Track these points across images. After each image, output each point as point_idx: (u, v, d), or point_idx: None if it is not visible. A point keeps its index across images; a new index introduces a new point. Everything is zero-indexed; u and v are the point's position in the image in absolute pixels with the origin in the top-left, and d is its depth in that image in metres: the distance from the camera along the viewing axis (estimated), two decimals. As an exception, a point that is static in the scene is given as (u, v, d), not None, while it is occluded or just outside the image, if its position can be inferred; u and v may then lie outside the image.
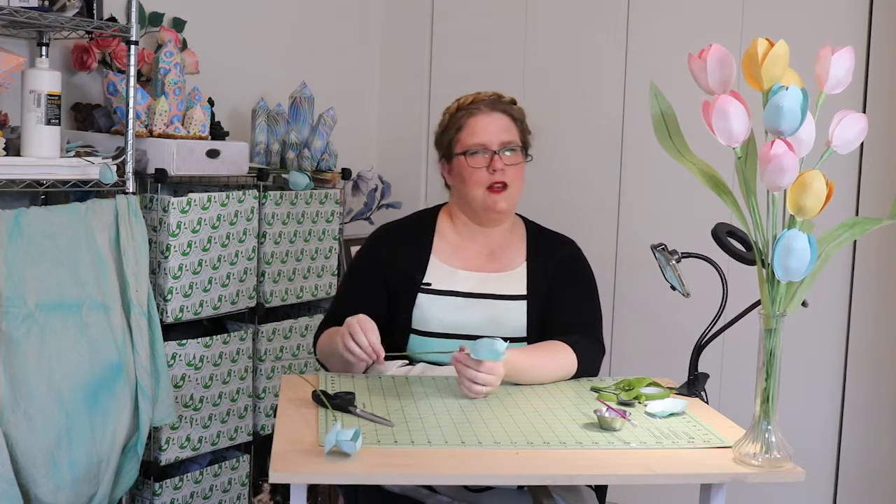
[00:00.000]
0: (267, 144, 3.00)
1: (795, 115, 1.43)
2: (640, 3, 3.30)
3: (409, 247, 2.13)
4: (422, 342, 2.05)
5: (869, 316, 3.00)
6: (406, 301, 2.06)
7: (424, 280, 2.08)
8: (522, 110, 2.16)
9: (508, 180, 2.06)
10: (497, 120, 2.09)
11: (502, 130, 2.08)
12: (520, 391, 1.89)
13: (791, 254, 1.43)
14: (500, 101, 2.13)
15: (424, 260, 2.11)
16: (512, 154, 2.08)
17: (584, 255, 2.19)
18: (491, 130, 2.07)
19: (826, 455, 3.06)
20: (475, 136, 2.07)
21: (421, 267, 2.10)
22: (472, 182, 2.07)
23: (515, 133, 2.10)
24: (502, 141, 2.07)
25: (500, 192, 2.07)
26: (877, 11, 2.94)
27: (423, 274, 2.09)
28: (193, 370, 2.56)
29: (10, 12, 2.11)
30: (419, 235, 2.15)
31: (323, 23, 3.51)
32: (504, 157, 2.06)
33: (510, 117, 2.11)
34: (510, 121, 2.10)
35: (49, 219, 2.21)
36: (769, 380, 1.52)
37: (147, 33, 2.74)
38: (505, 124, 2.09)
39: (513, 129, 2.10)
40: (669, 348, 2.84)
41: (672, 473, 1.51)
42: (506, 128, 2.09)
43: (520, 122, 2.13)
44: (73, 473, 2.17)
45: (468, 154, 2.07)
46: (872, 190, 2.95)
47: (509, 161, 2.07)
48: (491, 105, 2.10)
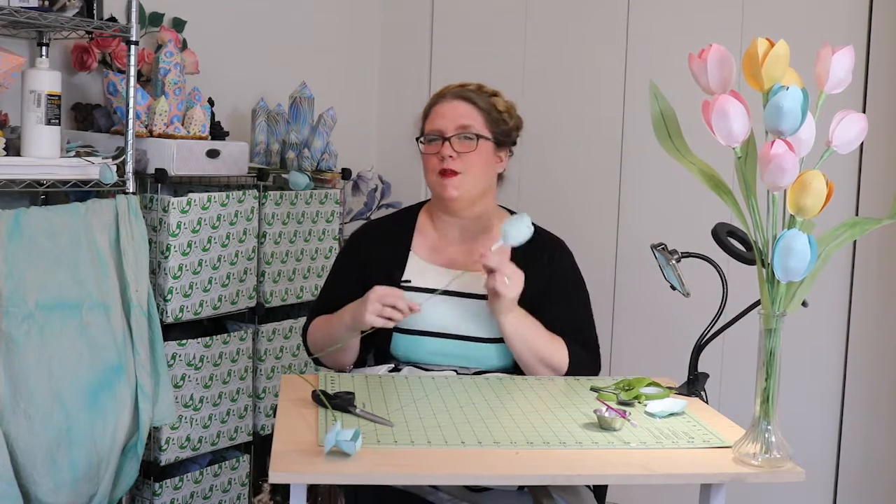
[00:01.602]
0: (267, 144, 3.00)
1: (795, 115, 1.43)
2: (640, 3, 3.30)
3: (387, 245, 2.12)
4: (403, 340, 2.03)
5: (869, 316, 3.00)
6: None
7: (403, 278, 2.07)
8: (496, 101, 2.10)
9: (460, 167, 2.02)
10: (456, 107, 2.06)
11: (459, 116, 2.05)
12: (520, 391, 1.89)
13: (791, 254, 1.43)
14: (467, 90, 2.09)
15: (403, 258, 2.10)
16: (467, 141, 2.03)
17: (574, 258, 2.17)
18: (448, 116, 2.05)
19: (826, 455, 3.06)
20: (433, 122, 2.07)
21: (400, 264, 2.09)
22: (427, 168, 2.07)
23: (477, 119, 2.05)
24: (457, 126, 2.04)
25: (448, 177, 2.02)
26: (877, 11, 2.94)
27: (402, 271, 2.08)
28: (193, 370, 2.56)
29: (10, 12, 2.11)
30: (398, 233, 2.14)
31: (323, 23, 3.51)
32: (455, 144, 2.02)
33: (472, 104, 2.06)
34: (471, 107, 2.06)
35: (49, 219, 2.21)
36: (769, 380, 1.52)
37: (147, 33, 2.75)
38: (464, 111, 2.05)
39: (474, 115, 2.05)
40: (669, 348, 2.84)
41: (672, 473, 1.51)
42: (464, 114, 2.05)
43: (486, 110, 2.07)
44: (73, 473, 2.17)
45: (425, 140, 2.08)
46: (872, 190, 2.95)
47: (461, 148, 2.02)
48: (456, 94, 2.08)
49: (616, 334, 3.33)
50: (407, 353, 2.05)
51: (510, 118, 2.12)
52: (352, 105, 3.53)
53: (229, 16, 3.12)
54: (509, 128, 2.12)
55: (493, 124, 2.08)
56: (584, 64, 3.40)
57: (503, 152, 2.12)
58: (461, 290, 2.05)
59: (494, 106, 2.10)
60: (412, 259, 2.10)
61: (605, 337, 3.32)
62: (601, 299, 3.33)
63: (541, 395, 1.87)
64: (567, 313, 2.09)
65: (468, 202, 2.07)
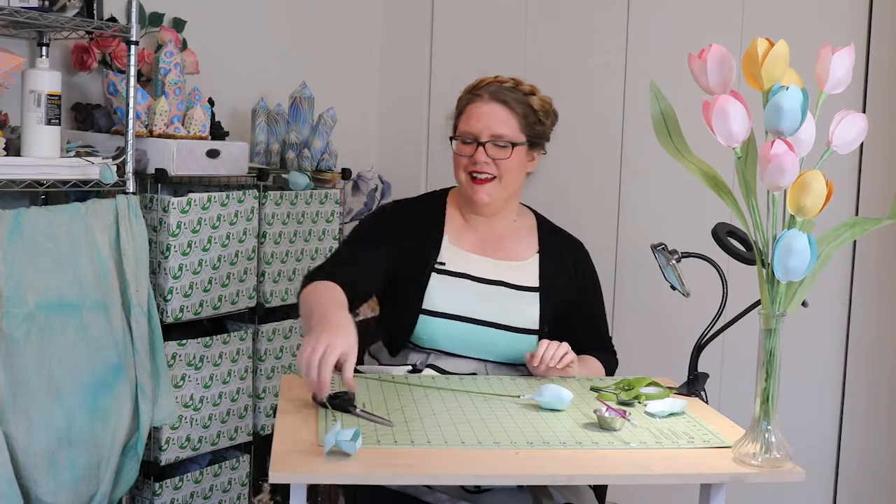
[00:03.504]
0: (267, 144, 3.00)
1: (795, 115, 1.43)
2: (640, 3, 3.30)
3: (421, 225, 2.10)
4: (430, 324, 2.01)
5: (869, 316, 3.00)
6: (418, 280, 2.02)
7: (439, 259, 2.05)
8: (532, 101, 2.06)
9: (494, 172, 2.02)
10: (492, 111, 2.02)
11: (496, 123, 2.02)
12: (520, 391, 1.89)
13: (791, 254, 1.43)
14: (503, 90, 2.05)
15: (438, 239, 2.08)
16: (501, 149, 2.02)
17: (591, 259, 2.22)
18: (484, 121, 2.02)
19: (826, 455, 3.06)
20: (469, 123, 2.04)
21: (435, 246, 2.07)
22: (457, 167, 2.06)
23: (513, 126, 2.03)
24: (493, 133, 2.02)
25: (481, 183, 2.03)
26: (877, 11, 2.94)
27: (438, 253, 2.06)
28: (193, 370, 2.56)
29: (10, 12, 2.11)
30: (431, 215, 2.12)
31: (323, 23, 3.51)
32: (489, 150, 2.01)
33: (508, 108, 2.03)
34: (508, 113, 2.03)
35: (49, 219, 2.21)
36: (769, 380, 1.52)
37: (147, 33, 2.75)
38: (501, 116, 2.02)
39: (510, 121, 2.03)
40: (669, 348, 2.84)
41: (672, 473, 1.51)
42: (501, 120, 2.02)
43: (522, 115, 2.04)
44: (73, 473, 2.17)
45: (459, 139, 2.06)
46: (872, 190, 2.95)
47: (496, 154, 2.02)
48: (492, 94, 2.04)
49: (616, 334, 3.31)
50: (433, 337, 2.01)
51: (546, 117, 2.08)
52: (352, 105, 3.53)
53: (229, 16, 3.12)
54: (545, 128, 2.09)
55: (529, 128, 2.06)
56: (584, 63, 3.40)
57: (536, 151, 2.11)
58: (489, 277, 2.06)
59: (531, 106, 2.06)
60: (445, 242, 2.09)
61: (605, 337, 3.32)
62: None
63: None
64: (595, 324, 2.19)
65: (498, 206, 2.08)
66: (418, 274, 2.03)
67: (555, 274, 2.10)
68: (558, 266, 2.12)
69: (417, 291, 2.02)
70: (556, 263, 2.12)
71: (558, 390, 1.77)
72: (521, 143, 2.05)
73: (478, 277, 2.05)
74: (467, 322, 2.01)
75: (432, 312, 2.01)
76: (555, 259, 2.12)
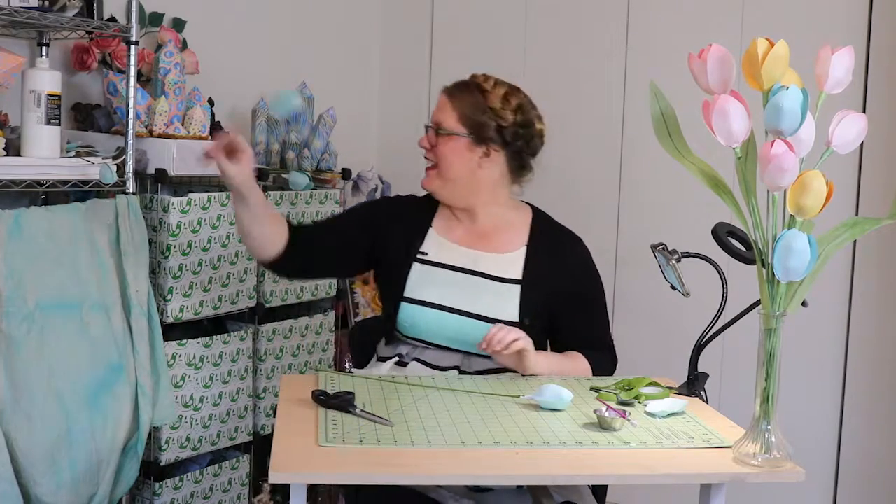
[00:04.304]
0: (267, 144, 3.00)
1: (795, 115, 1.43)
2: (640, 3, 3.30)
3: (410, 217, 2.19)
4: (412, 312, 2.07)
5: (869, 316, 3.00)
6: (401, 268, 2.11)
7: (422, 249, 2.13)
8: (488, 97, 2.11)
9: (433, 159, 2.13)
10: (441, 102, 2.14)
11: (438, 112, 2.14)
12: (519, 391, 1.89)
13: (791, 254, 1.43)
14: (460, 84, 2.15)
15: (424, 231, 2.16)
16: (438, 136, 2.11)
17: (590, 254, 2.21)
18: (435, 111, 2.15)
19: (826, 455, 3.06)
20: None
21: (420, 237, 2.15)
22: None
23: (451, 116, 2.10)
24: (434, 121, 2.13)
25: (427, 170, 2.15)
26: (877, 11, 2.94)
27: (422, 243, 2.14)
28: (193, 370, 2.56)
29: (10, 12, 2.11)
30: (422, 208, 2.21)
31: (323, 23, 3.51)
32: (431, 137, 2.13)
33: (451, 101, 2.12)
34: (450, 104, 2.12)
35: (49, 219, 2.21)
36: (769, 380, 1.52)
37: (147, 33, 2.74)
38: (443, 106, 2.13)
39: (449, 112, 2.11)
40: (669, 348, 2.84)
41: (672, 473, 1.51)
42: (442, 109, 2.13)
43: (464, 107, 2.10)
44: (73, 473, 2.17)
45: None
46: (872, 190, 2.95)
47: (432, 141, 2.12)
48: (448, 88, 2.16)
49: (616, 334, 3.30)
50: (415, 325, 2.07)
51: (496, 117, 2.10)
52: (352, 105, 3.53)
53: (229, 16, 3.12)
54: (492, 124, 2.10)
55: (469, 120, 2.10)
56: (585, 64, 3.40)
57: (489, 146, 2.10)
58: (471, 268, 2.09)
59: (478, 103, 2.10)
60: (431, 234, 2.16)
61: (605, 337, 3.32)
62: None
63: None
64: (590, 321, 2.16)
65: (448, 193, 2.14)
66: (401, 262, 2.11)
67: (543, 266, 2.11)
68: (548, 259, 2.12)
69: (400, 279, 2.10)
70: (546, 256, 2.13)
71: (558, 390, 1.77)
72: (458, 134, 2.09)
73: (459, 268, 2.10)
74: (447, 311, 2.05)
75: (413, 300, 2.07)
76: (545, 252, 2.13)
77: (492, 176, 2.13)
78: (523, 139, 2.13)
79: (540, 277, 2.10)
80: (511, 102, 2.12)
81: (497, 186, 2.15)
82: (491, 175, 2.13)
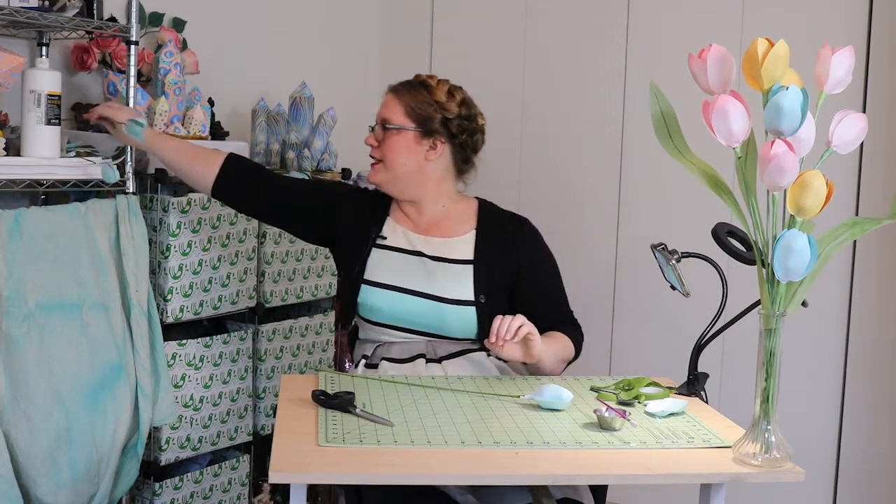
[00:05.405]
0: (267, 144, 3.00)
1: (795, 115, 1.43)
2: (640, 3, 3.30)
3: (371, 206, 2.26)
4: (371, 294, 2.13)
5: (869, 316, 3.00)
6: (361, 252, 2.18)
7: (381, 234, 2.20)
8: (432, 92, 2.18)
9: (379, 155, 2.20)
10: (387, 100, 2.21)
11: (384, 108, 2.20)
12: (519, 391, 1.89)
13: (791, 254, 1.43)
14: (403, 82, 2.22)
15: (382, 219, 2.23)
16: (385, 131, 2.18)
17: (539, 234, 2.26)
18: (380, 110, 2.22)
19: (826, 455, 3.06)
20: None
21: (378, 224, 2.22)
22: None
23: (396, 110, 2.17)
24: (380, 117, 2.20)
25: (372, 165, 2.22)
26: (877, 11, 2.94)
27: (380, 229, 2.21)
28: (193, 370, 2.56)
29: (10, 12, 2.11)
30: (382, 199, 2.27)
31: (323, 23, 3.51)
32: (377, 134, 2.20)
33: (397, 97, 2.19)
34: (395, 99, 2.19)
35: (49, 219, 2.20)
36: (769, 380, 1.52)
37: (147, 33, 2.74)
38: (389, 102, 2.20)
39: (394, 105, 2.18)
40: (669, 348, 2.84)
41: (672, 473, 1.51)
42: (388, 106, 2.20)
43: (408, 102, 2.18)
44: (73, 473, 2.17)
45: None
46: (872, 190, 2.95)
47: (380, 136, 2.19)
48: (393, 86, 2.23)
49: (616, 334, 3.33)
50: (375, 308, 2.13)
51: (441, 109, 2.18)
52: (352, 105, 3.53)
53: (229, 16, 3.12)
54: (438, 116, 2.17)
55: (415, 114, 2.18)
56: (584, 64, 3.40)
57: (435, 139, 2.18)
58: (426, 251, 2.15)
59: (424, 97, 2.18)
60: (389, 222, 2.23)
61: (605, 337, 3.33)
62: (601, 299, 3.33)
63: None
64: (550, 297, 2.20)
65: (394, 187, 2.20)
66: (361, 247, 2.19)
67: (491, 246, 2.17)
68: (496, 239, 2.18)
69: (360, 263, 2.17)
70: (494, 237, 2.18)
71: (558, 390, 1.77)
72: (405, 128, 2.17)
73: (414, 251, 2.16)
74: (406, 293, 2.11)
75: (373, 283, 2.14)
76: (492, 233, 2.19)
77: (437, 170, 2.20)
78: (467, 133, 2.20)
79: (491, 256, 2.16)
80: (455, 97, 2.21)
81: (442, 181, 2.21)
82: (436, 169, 2.20)
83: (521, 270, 2.17)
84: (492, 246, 2.17)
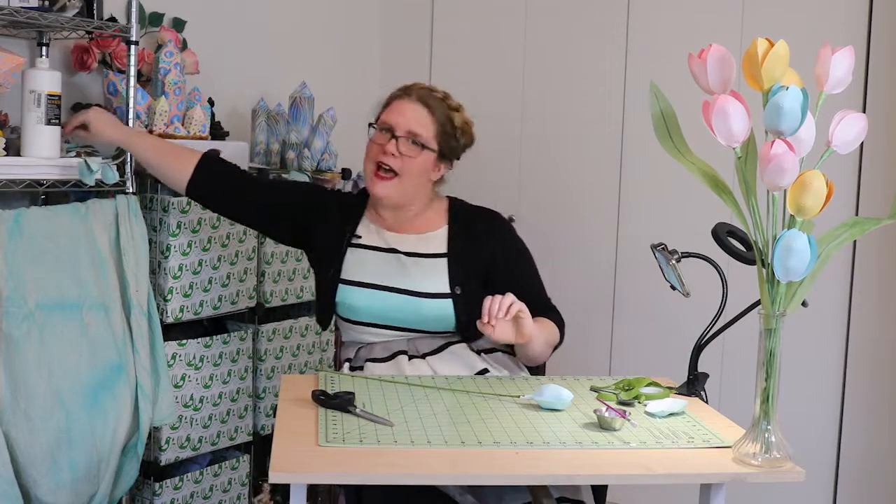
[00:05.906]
0: (267, 144, 3.00)
1: (795, 115, 1.43)
2: (640, 4, 3.30)
3: (346, 207, 2.25)
4: (349, 293, 2.14)
5: (869, 316, 3.00)
6: (337, 252, 2.17)
7: (356, 233, 2.19)
8: (454, 117, 2.16)
9: (398, 168, 2.10)
10: (416, 110, 2.12)
11: (415, 121, 2.11)
12: (519, 391, 1.89)
13: (791, 254, 1.43)
14: (432, 96, 2.15)
15: (357, 219, 2.23)
16: (412, 146, 2.10)
17: (511, 225, 2.26)
18: (405, 116, 2.11)
19: (826, 455, 3.06)
20: (391, 115, 2.14)
21: (354, 223, 2.21)
22: (367, 155, 2.18)
23: (430, 130, 2.12)
24: (409, 130, 2.11)
25: (382, 178, 2.12)
26: (877, 11, 2.94)
27: (355, 228, 2.20)
28: (193, 370, 2.56)
29: (10, 12, 2.11)
30: (357, 201, 2.27)
31: (323, 23, 3.51)
32: (401, 145, 2.10)
33: (431, 114, 2.12)
34: (428, 115, 2.12)
35: (49, 219, 2.20)
36: (769, 380, 1.52)
37: (147, 33, 2.74)
38: (422, 117, 2.12)
39: (429, 125, 2.12)
40: (669, 348, 2.84)
41: (672, 473, 1.51)
42: (421, 121, 2.11)
43: (441, 123, 2.14)
44: (73, 473, 2.17)
45: (377, 128, 2.16)
46: (872, 190, 2.95)
47: (405, 151, 2.10)
48: (421, 96, 2.14)
49: (616, 334, 3.33)
50: (354, 306, 2.13)
51: (462, 136, 2.19)
52: (352, 105, 3.53)
53: (229, 16, 3.12)
54: (458, 145, 2.19)
55: (443, 138, 2.15)
56: (584, 64, 3.40)
57: (444, 164, 2.19)
58: (401, 248, 2.16)
59: (451, 120, 2.16)
60: (364, 220, 2.23)
61: (605, 337, 3.33)
62: (601, 299, 3.33)
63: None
64: (527, 286, 2.17)
65: (393, 202, 2.16)
66: (337, 246, 2.18)
67: (463, 239, 2.17)
68: (468, 232, 2.18)
69: (336, 262, 2.17)
70: (466, 230, 2.19)
71: (558, 390, 1.77)
72: (432, 150, 2.13)
73: (389, 249, 2.16)
74: (383, 290, 2.12)
75: (350, 282, 2.15)
76: (464, 227, 2.19)
77: (427, 188, 2.20)
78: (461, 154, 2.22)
79: (464, 248, 2.16)
80: (469, 125, 2.20)
81: (429, 191, 2.22)
82: (427, 187, 2.20)
83: (495, 261, 2.17)
84: (464, 239, 2.17)
